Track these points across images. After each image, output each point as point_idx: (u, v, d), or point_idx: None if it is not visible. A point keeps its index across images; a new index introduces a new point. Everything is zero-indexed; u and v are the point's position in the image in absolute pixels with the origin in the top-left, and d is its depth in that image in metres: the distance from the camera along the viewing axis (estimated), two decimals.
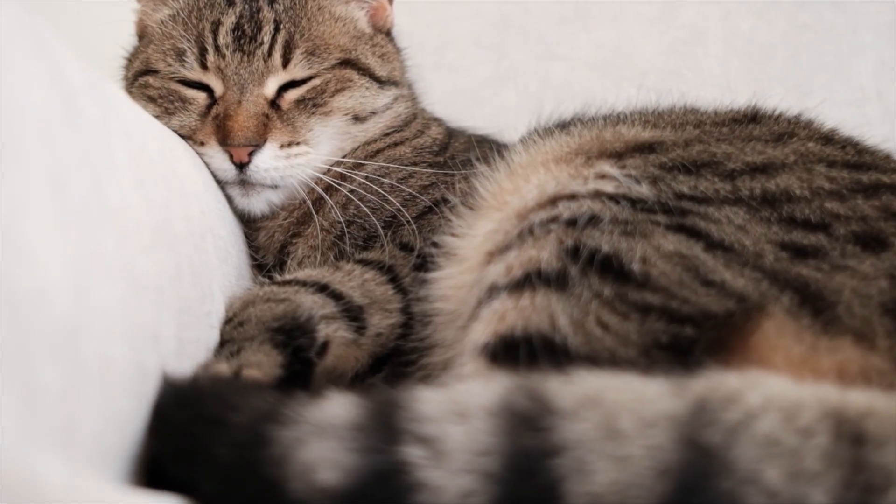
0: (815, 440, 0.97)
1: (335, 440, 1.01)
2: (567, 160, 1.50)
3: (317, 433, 1.02)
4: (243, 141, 1.78)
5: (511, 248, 1.37)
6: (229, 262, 1.73)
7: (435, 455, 0.98)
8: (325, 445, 1.01)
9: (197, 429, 1.10)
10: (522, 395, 1.02)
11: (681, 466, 0.94)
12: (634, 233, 1.30)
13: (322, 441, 1.02)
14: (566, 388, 1.02)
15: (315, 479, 0.99)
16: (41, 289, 0.98)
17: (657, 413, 0.98)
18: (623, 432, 0.97)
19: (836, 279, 1.26)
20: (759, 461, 0.95)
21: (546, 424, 0.98)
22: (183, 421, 1.14)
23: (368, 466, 0.99)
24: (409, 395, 1.06)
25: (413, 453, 0.98)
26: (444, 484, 0.96)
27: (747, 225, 1.32)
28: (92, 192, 1.14)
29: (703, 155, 1.45)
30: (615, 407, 0.99)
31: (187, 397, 1.19)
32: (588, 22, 2.82)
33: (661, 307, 1.24)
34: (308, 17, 1.90)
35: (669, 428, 0.97)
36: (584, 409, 0.99)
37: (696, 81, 2.60)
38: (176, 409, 1.17)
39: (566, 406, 1.00)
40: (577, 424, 0.98)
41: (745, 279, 1.25)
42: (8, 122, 1.00)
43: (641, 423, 0.98)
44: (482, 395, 1.03)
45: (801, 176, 1.40)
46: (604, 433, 0.97)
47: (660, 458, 0.95)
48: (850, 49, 2.68)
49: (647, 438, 0.96)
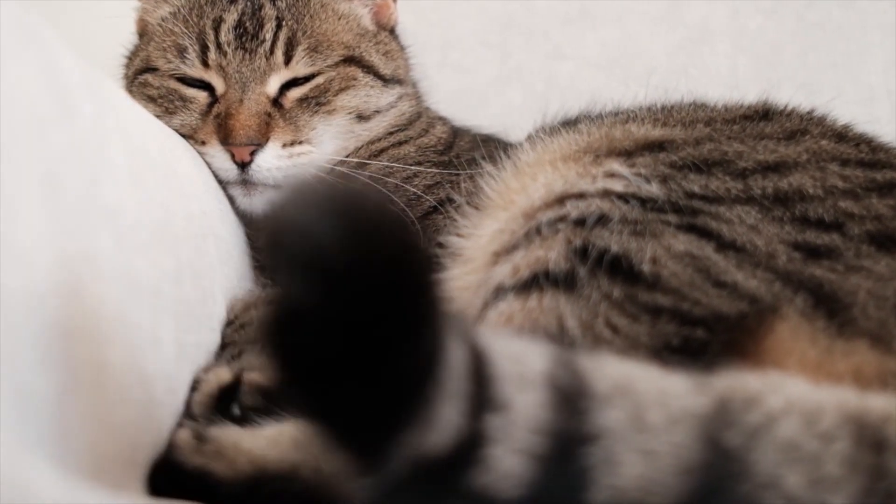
0: (835, 445, 0.94)
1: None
2: (575, 158, 1.48)
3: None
4: (245, 140, 1.76)
5: (518, 248, 1.35)
6: (231, 263, 1.71)
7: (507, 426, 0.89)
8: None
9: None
10: (565, 367, 0.95)
11: (702, 466, 0.91)
12: (644, 233, 1.28)
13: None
14: (601, 370, 0.97)
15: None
16: (32, 290, 0.96)
17: (682, 410, 0.95)
18: (651, 426, 0.93)
19: (850, 280, 1.23)
20: (779, 466, 0.92)
21: (583, 406, 0.92)
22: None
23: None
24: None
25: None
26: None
27: (759, 225, 1.30)
28: (87, 191, 1.12)
29: (714, 153, 1.43)
30: (645, 397, 0.95)
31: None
32: (594, 21, 2.81)
33: (672, 309, 1.21)
34: (311, 14, 1.89)
35: (694, 426, 0.94)
36: (616, 396, 0.94)
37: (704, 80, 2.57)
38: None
39: (602, 390, 0.94)
40: (610, 412, 0.93)
41: (757, 280, 1.23)
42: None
43: (668, 418, 0.94)
44: (538, 358, 0.95)
45: (815, 174, 1.38)
46: (634, 424, 0.93)
47: (684, 456, 0.91)
48: (858, 48, 2.67)
49: (672, 435, 0.92)
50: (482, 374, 0.89)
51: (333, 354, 0.79)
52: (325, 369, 0.80)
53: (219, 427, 1.27)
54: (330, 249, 0.78)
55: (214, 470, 1.20)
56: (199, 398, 1.37)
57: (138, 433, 1.15)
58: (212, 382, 1.39)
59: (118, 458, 1.11)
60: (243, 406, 1.36)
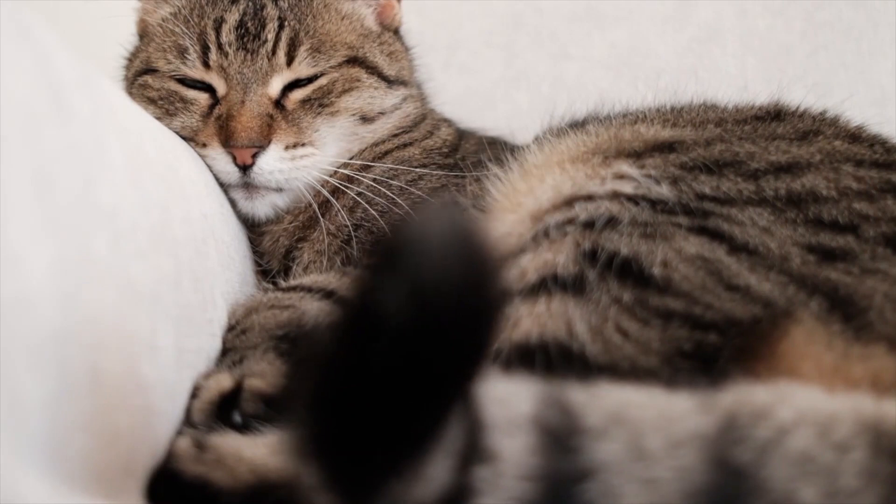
0: (852, 456, 0.92)
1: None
2: (583, 160, 1.46)
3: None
4: (247, 142, 1.74)
5: (525, 251, 1.33)
6: (232, 267, 1.69)
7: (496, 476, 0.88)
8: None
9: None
10: (552, 406, 0.94)
11: (711, 488, 0.89)
12: (655, 235, 1.26)
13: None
14: (593, 402, 0.96)
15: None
16: (24, 294, 0.93)
17: (685, 432, 0.93)
18: (651, 453, 0.91)
19: (866, 283, 1.22)
20: (793, 480, 0.90)
21: (576, 444, 0.91)
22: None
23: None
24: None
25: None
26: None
27: (772, 227, 1.28)
28: (82, 192, 1.09)
29: (725, 154, 1.41)
30: (642, 425, 0.94)
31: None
32: (601, 21, 2.79)
33: (684, 313, 1.19)
34: (313, 14, 1.87)
35: (698, 447, 0.92)
36: (611, 427, 0.93)
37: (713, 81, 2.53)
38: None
39: (595, 423, 0.93)
40: (605, 444, 0.91)
41: (771, 283, 1.21)
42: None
43: (669, 442, 0.92)
44: (524, 400, 0.94)
45: (828, 175, 1.36)
46: (631, 454, 0.91)
47: (689, 479, 0.90)
48: (869, 48, 2.64)
49: (676, 459, 0.91)
50: (473, 425, 0.88)
51: (385, 376, 0.77)
52: (366, 386, 0.78)
53: (219, 435, 1.25)
54: (447, 283, 0.77)
55: (215, 479, 1.18)
56: (199, 405, 1.35)
57: (136, 441, 1.12)
58: (212, 389, 1.37)
59: (115, 467, 1.08)
60: (244, 413, 1.34)
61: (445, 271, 0.77)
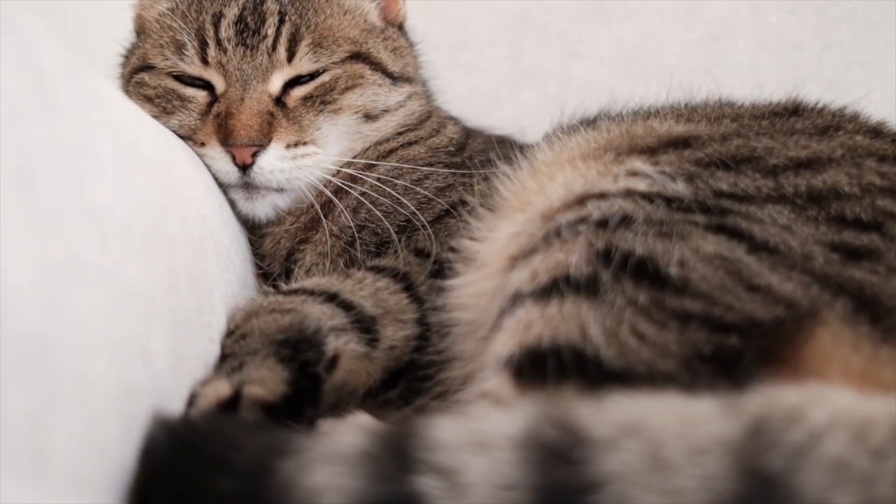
0: (889, 462, 0.89)
1: (342, 466, 0.94)
2: (595, 157, 1.44)
3: (323, 460, 0.96)
4: (246, 141, 1.70)
5: (536, 251, 1.30)
6: (232, 270, 1.65)
7: (452, 487, 0.91)
8: (331, 471, 0.94)
9: (197, 471, 1.03)
10: (549, 424, 0.95)
11: (738, 497, 0.87)
12: (671, 234, 1.24)
13: (328, 467, 0.95)
14: (600, 416, 0.95)
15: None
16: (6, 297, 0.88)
17: (709, 438, 0.91)
18: (671, 462, 0.89)
19: (893, 282, 1.19)
20: (827, 488, 0.87)
21: (580, 456, 0.91)
22: (181, 465, 1.05)
23: (377, 494, 0.92)
24: (425, 422, 0.99)
25: (427, 483, 0.91)
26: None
27: (793, 225, 1.26)
28: (68, 190, 1.04)
29: (742, 150, 1.39)
30: (660, 433, 0.92)
31: (183, 440, 1.10)
32: (609, 18, 2.78)
33: (703, 315, 1.16)
34: (315, 8, 1.84)
35: (724, 454, 0.90)
36: (623, 438, 0.92)
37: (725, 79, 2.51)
38: (172, 455, 1.08)
39: (602, 435, 0.93)
40: (616, 455, 0.90)
41: (793, 283, 1.18)
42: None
43: (691, 450, 0.90)
44: (505, 425, 0.96)
45: (850, 171, 1.34)
46: (648, 464, 0.90)
47: (715, 488, 0.87)
48: (885, 43, 2.62)
49: (700, 467, 0.89)
50: (402, 449, 0.96)
51: None
52: None
53: None
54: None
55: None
56: (196, 413, 1.31)
57: (126, 451, 1.08)
58: (210, 396, 1.33)
59: (104, 478, 1.03)
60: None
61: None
